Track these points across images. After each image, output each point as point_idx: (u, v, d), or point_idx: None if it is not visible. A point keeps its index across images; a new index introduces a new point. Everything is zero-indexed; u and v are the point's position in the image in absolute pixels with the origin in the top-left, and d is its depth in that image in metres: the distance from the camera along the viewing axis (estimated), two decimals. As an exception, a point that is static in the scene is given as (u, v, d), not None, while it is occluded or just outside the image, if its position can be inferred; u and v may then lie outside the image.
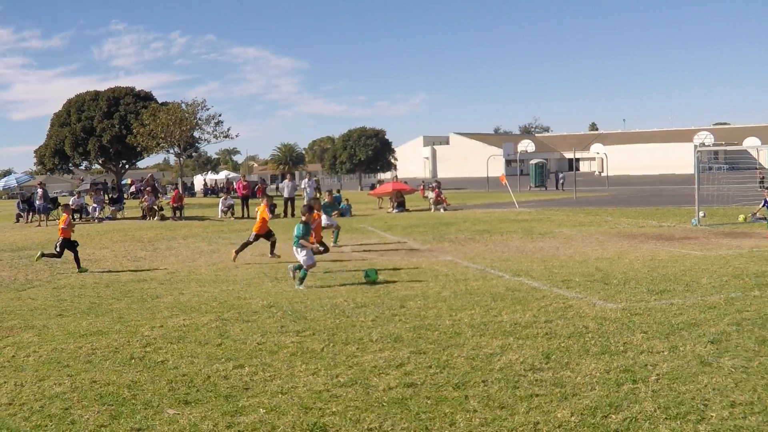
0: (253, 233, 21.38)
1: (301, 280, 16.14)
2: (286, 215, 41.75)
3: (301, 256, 16.40)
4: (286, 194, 43.40)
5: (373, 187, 67.85)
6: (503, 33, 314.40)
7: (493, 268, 18.25)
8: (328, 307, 13.57)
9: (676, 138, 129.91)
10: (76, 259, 20.24)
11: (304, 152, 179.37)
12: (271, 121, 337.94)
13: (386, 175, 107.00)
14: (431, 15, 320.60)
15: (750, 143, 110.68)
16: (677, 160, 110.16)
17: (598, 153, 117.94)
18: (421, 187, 60.10)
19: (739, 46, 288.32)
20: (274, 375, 9.21)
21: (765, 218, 24.99)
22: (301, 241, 16.45)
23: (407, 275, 17.43)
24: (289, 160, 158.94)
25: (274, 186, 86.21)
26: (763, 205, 24.91)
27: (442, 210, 44.20)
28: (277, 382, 8.89)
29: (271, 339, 11.13)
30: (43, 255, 20.77)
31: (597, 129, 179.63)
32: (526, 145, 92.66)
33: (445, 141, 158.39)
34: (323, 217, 23.30)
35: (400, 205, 45.58)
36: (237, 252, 21.27)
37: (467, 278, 16.71)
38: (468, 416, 7.55)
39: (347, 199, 43.69)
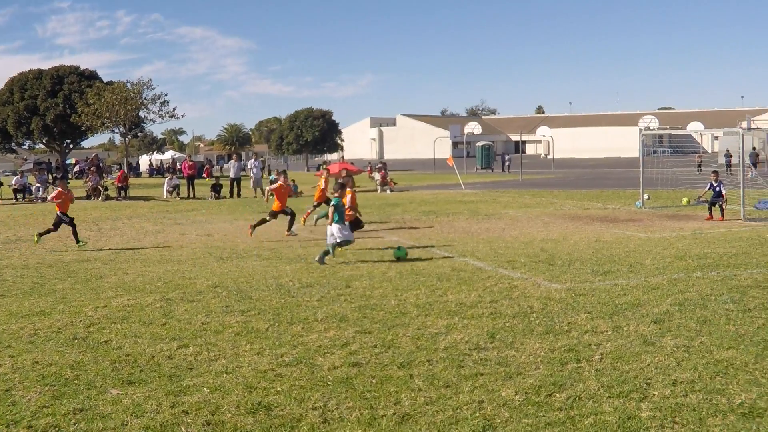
0: (288, 209, 21.83)
1: (325, 255, 16.41)
2: (231, 195, 41.55)
3: (336, 233, 16.47)
4: (232, 175, 43.24)
5: (319, 168, 67.69)
6: (450, 16, 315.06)
7: (438, 249, 18.31)
8: (273, 287, 13.53)
9: (622, 122, 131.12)
10: (48, 230, 20.61)
11: (250, 133, 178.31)
12: (218, 102, 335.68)
13: (333, 156, 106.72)
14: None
15: (693, 128, 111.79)
16: (622, 143, 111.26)
17: (544, 136, 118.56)
18: (368, 168, 60.06)
19: (685, 33, 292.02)
20: (219, 355, 9.16)
21: (707, 201, 25.26)
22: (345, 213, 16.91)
23: (353, 255, 17.40)
24: (236, 140, 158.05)
25: (219, 167, 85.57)
26: (709, 188, 25.16)
27: (388, 191, 44.35)
28: (222, 362, 8.85)
29: (216, 319, 11.07)
30: (78, 240, 20.30)
31: (543, 112, 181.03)
32: (473, 128, 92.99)
33: (392, 122, 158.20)
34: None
35: (347, 186, 45.53)
36: (289, 230, 21.89)
37: (413, 258, 16.74)
38: (413, 395, 7.57)
39: (294, 180, 43.43)
